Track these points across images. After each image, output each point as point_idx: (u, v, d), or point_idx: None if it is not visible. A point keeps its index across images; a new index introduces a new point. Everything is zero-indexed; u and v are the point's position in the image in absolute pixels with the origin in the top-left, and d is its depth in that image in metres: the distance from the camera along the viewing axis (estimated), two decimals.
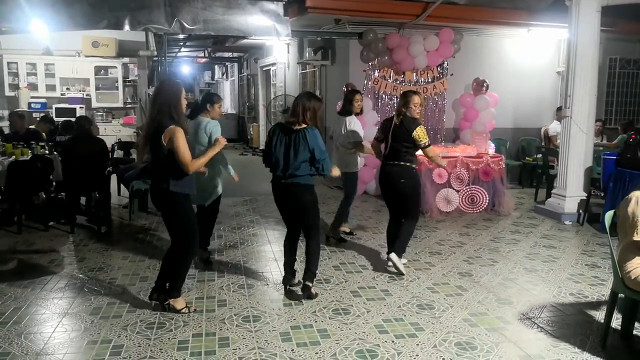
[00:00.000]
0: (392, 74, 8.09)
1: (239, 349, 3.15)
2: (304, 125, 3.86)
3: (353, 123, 5.27)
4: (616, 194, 5.50)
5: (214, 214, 4.85)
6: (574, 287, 4.20)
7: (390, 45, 7.77)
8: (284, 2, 7.31)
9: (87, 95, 10.46)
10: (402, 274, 4.40)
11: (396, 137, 4.44)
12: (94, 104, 10.48)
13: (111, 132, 10.22)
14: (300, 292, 3.98)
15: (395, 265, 4.42)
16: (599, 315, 3.59)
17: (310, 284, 3.94)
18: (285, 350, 3.13)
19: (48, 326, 3.46)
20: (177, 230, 3.63)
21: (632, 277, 2.94)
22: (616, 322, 3.34)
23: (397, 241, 4.48)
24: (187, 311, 3.65)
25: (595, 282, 4.31)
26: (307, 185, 3.86)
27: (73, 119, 9.00)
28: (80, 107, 10.22)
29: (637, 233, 2.92)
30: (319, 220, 4.02)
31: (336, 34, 8.31)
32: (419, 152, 4.59)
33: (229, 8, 7.21)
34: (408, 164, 4.45)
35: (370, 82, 7.98)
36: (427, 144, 4.42)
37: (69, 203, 6.07)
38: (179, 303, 3.67)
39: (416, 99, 4.43)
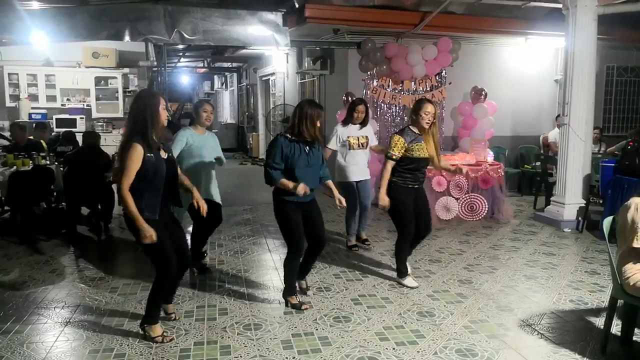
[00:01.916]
0: (390, 83, 8.15)
1: (241, 357, 3.16)
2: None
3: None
4: (615, 200, 5.53)
5: (216, 223, 4.74)
6: (574, 294, 4.22)
7: (388, 55, 7.84)
8: (282, 13, 7.39)
9: (87, 105, 10.51)
10: (413, 288, 4.30)
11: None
12: (94, 115, 10.53)
13: (111, 142, 10.22)
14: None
15: (404, 285, 4.35)
16: (599, 321, 3.60)
17: (286, 297, 3.97)
18: (287, 357, 3.14)
19: (50, 335, 3.47)
20: (145, 252, 3.34)
21: (631, 283, 2.96)
22: (616, 328, 3.35)
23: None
24: (160, 340, 3.34)
25: (594, 289, 4.32)
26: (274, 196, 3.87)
27: (74, 130, 9.12)
28: (81, 118, 10.26)
29: (637, 239, 2.93)
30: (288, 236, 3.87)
31: (335, 44, 8.37)
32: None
33: (228, 19, 7.29)
34: (394, 178, 4.24)
35: (369, 92, 8.04)
36: (389, 154, 4.18)
37: (70, 213, 6.09)
38: (153, 331, 3.38)
39: (428, 108, 4.18)
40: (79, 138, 8.18)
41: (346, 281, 4.51)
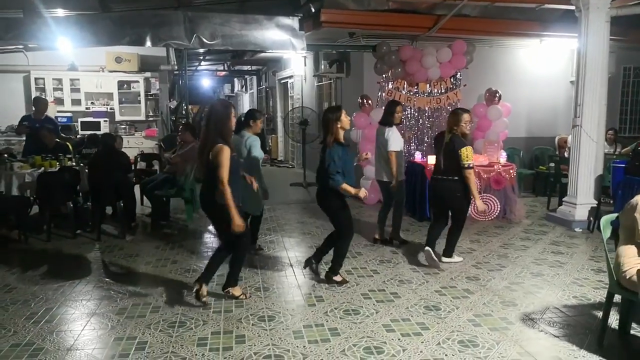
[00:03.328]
0: (405, 86, 8.28)
1: (254, 345, 3.36)
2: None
3: (391, 133, 5.57)
4: (625, 201, 5.54)
5: (260, 218, 5.46)
6: (578, 291, 4.31)
7: (403, 58, 7.96)
8: (299, 17, 7.59)
9: (110, 109, 10.85)
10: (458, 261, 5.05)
11: (446, 154, 4.83)
12: (117, 118, 10.88)
13: (134, 145, 10.58)
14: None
15: (451, 262, 5.02)
16: (600, 316, 3.69)
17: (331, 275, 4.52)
18: (297, 347, 3.33)
19: (77, 325, 3.71)
20: (225, 234, 4.04)
21: (627, 277, 3.06)
22: (616, 322, 3.45)
23: (446, 244, 5.06)
24: (243, 297, 4.14)
25: (599, 286, 4.41)
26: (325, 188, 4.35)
27: (99, 132, 9.47)
28: (105, 121, 10.61)
29: None
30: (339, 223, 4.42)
31: (350, 47, 8.54)
32: None
33: (246, 23, 7.53)
34: (456, 177, 4.77)
35: (384, 94, 8.18)
36: (467, 165, 4.68)
37: (95, 212, 6.38)
38: (236, 291, 4.17)
39: (467, 117, 4.83)
40: None
41: (357, 277, 4.67)
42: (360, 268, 4.94)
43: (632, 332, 3.41)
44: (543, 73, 9.17)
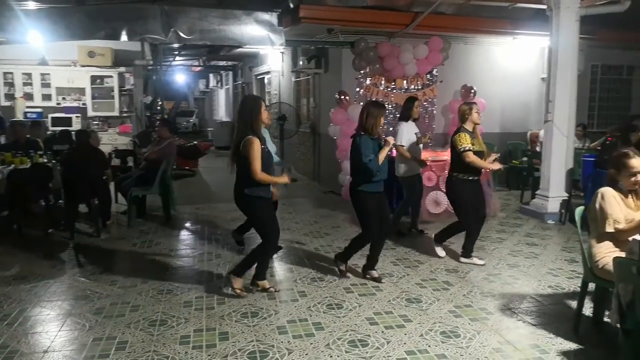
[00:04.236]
0: (383, 82, 8.32)
1: (238, 341, 3.35)
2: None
3: (401, 127, 5.70)
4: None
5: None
6: (553, 280, 4.45)
7: (381, 54, 8.01)
8: (278, 13, 7.56)
9: (83, 104, 10.61)
10: (480, 264, 4.85)
11: (451, 148, 4.86)
12: (90, 113, 10.64)
13: (107, 141, 10.34)
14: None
15: (470, 263, 4.90)
16: (574, 304, 3.80)
17: (338, 260, 4.61)
18: (282, 342, 3.34)
19: (53, 326, 3.62)
20: (257, 227, 4.18)
21: (600, 266, 3.18)
22: (590, 310, 3.57)
23: (463, 244, 4.96)
24: (273, 290, 4.19)
25: (572, 275, 4.56)
26: (354, 190, 4.33)
27: (71, 129, 9.26)
28: (77, 117, 10.36)
29: (608, 224, 3.16)
30: (367, 223, 4.35)
31: (329, 43, 8.54)
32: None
33: (224, 18, 7.45)
34: (454, 173, 4.78)
35: (362, 90, 8.21)
36: (462, 149, 4.62)
37: (68, 210, 6.23)
38: (264, 284, 4.21)
39: (475, 108, 4.80)
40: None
41: (339, 272, 4.69)
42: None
43: (605, 319, 3.53)
44: (516, 70, 9.36)
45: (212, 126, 20.02)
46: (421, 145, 5.84)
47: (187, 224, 6.75)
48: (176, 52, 13.66)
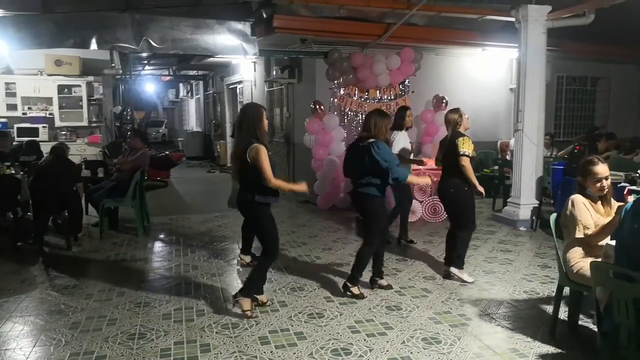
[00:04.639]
0: (357, 92, 8.44)
1: (221, 353, 3.31)
2: (372, 140, 4.27)
3: (397, 137, 5.75)
4: (564, 200, 5.90)
5: None
6: (528, 286, 4.56)
7: (354, 64, 8.12)
8: (251, 23, 7.56)
9: (50, 114, 10.33)
10: (468, 282, 4.59)
11: (446, 150, 4.78)
12: (57, 123, 10.36)
13: (76, 152, 10.07)
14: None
15: (458, 277, 4.67)
16: (549, 308, 3.92)
17: (349, 284, 4.34)
18: (265, 352, 3.31)
19: (27, 342, 3.51)
20: (259, 235, 4.10)
21: (575, 271, 3.30)
22: (564, 314, 3.68)
23: (453, 254, 4.73)
24: (249, 314, 3.88)
25: (546, 281, 4.69)
26: (369, 194, 4.26)
27: (38, 139, 9.00)
28: (43, 127, 10.09)
29: (578, 230, 3.28)
30: (376, 229, 4.33)
31: (302, 53, 8.60)
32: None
33: (197, 27, 7.40)
34: (452, 176, 4.69)
35: (336, 100, 8.30)
36: (461, 152, 4.55)
37: (38, 223, 6.05)
38: (245, 303, 3.93)
39: (464, 114, 4.84)
40: (43, 147, 8.14)
41: (319, 281, 4.70)
42: (321, 273, 4.97)
43: (580, 322, 3.64)
44: (485, 80, 9.61)
45: (183, 136, 19.78)
46: (412, 155, 5.99)
47: (161, 236, 6.64)
48: (145, 62, 13.47)
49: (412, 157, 5.99)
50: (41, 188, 5.84)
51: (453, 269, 4.70)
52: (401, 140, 5.78)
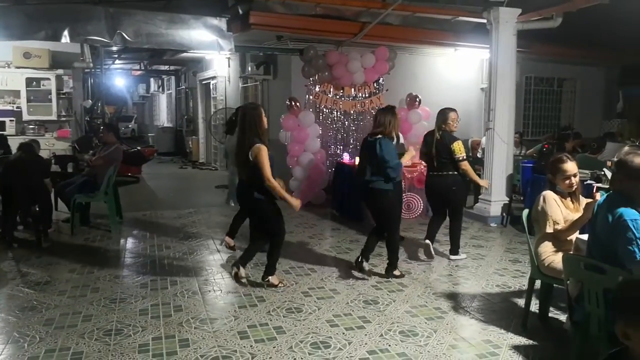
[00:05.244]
0: (332, 89, 8.49)
1: (200, 348, 3.31)
2: (379, 136, 4.54)
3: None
4: (534, 197, 6.09)
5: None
6: (499, 280, 4.71)
7: (330, 62, 8.17)
8: (227, 18, 7.52)
9: (17, 107, 10.02)
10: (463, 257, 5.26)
11: (438, 150, 5.07)
12: (25, 117, 10.06)
13: (44, 146, 9.78)
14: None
15: (457, 260, 5.24)
16: (521, 302, 4.06)
17: (391, 269, 4.70)
18: (245, 346, 3.33)
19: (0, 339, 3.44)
20: (264, 225, 4.38)
21: (546, 264, 3.43)
22: (535, 306, 3.83)
23: (451, 243, 5.31)
24: (282, 285, 4.38)
25: (517, 275, 4.85)
26: (382, 190, 4.52)
27: (5, 133, 8.73)
28: (11, 120, 9.79)
29: (549, 225, 3.42)
30: (393, 221, 4.67)
31: (278, 50, 8.60)
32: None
33: (172, 22, 7.31)
34: (450, 172, 5.07)
35: (311, 97, 8.33)
36: (461, 158, 4.99)
37: (6, 218, 5.89)
38: (274, 279, 4.39)
39: (453, 115, 5.15)
40: (10, 141, 7.91)
41: (296, 276, 4.75)
42: (298, 267, 5.02)
43: (550, 314, 3.79)
44: (457, 80, 9.80)
45: (153, 132, 19.46)
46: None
47: (135, 232, 6.56)
48: (116, 55, 13.19)
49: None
50: (10, 183, 5.68)
51: (452, 257, 5.26)
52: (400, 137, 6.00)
